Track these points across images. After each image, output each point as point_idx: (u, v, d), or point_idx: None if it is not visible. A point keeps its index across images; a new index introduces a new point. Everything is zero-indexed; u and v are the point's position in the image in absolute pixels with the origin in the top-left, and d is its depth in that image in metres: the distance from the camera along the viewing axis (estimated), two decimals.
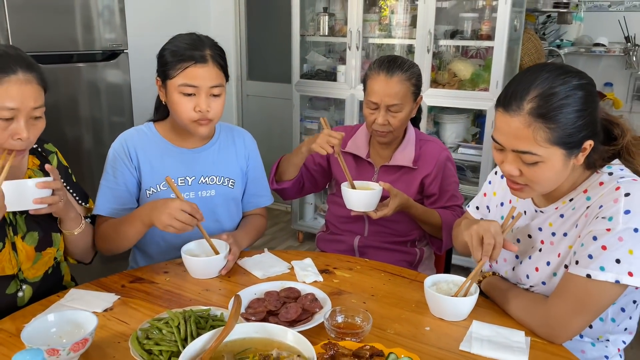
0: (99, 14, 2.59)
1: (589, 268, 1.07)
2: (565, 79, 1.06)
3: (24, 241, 1.30)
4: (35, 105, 1.22)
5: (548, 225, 1.22)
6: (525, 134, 1.06)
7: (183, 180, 1.57)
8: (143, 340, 1.05)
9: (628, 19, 3.74)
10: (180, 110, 1.46)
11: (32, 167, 1.38)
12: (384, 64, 1.70)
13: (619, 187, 1.09)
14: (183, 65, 1.43)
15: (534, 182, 1.12)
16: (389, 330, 1.17)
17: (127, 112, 2.87)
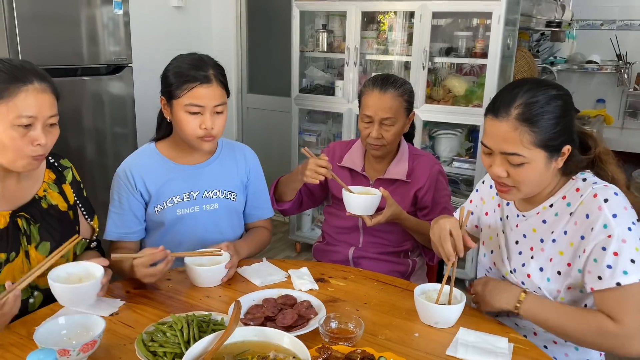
0: (105, 28, 2.67)
1: (615, 277, 1.16)
2: (545, 90, 1.20)
3: (37, 250, 1.37)
4: (51, 114, 1.30)
5: (532, 232, 1.32)
6: (513, 137, 1.17)
7: (188, 195, 1.64)
8: (148, 342, 1.11)
9: (620, 37, 3.85)
10: (186, 128, 1.54)
11: (48, 180, 1.45)
12: (377, 81, 1.79)
13: (597, 195, 1.20)
14: (189, 86, 1.50)
15: (519, 183, 1.22)
16: (380, 336, 1.24)
17: (130, 124, 2.94)
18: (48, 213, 1.41)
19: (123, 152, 2.89)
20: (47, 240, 1.39)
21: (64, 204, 1.46)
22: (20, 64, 1.29)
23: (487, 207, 1.50)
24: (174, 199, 1.63)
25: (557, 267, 1.27)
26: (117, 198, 1.62)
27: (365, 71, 3.30)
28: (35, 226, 1.37)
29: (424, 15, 2.92)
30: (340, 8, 3.21)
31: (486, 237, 1.49)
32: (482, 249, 1.51)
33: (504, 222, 1.42)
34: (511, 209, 1.40)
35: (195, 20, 3.92)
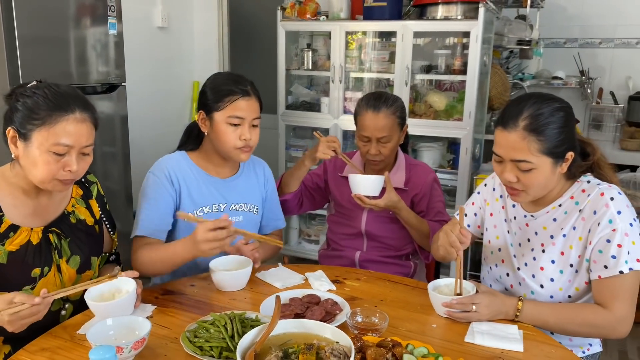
0: (102, 48, 2.74)
1: (618, 266, 1.31)
2: (549, 103, 1.34)
3: (68, 264, 1.43)
4: (87, 143, 1.33)
5: (543, 229, 1.45)
6: (521, 146, 1.32)
7: (217, 206, 1.71)
8: (192, 339, 1.19)
9: (582, 55, 4.10)
10: (226, 139, 1.62)
11: (76, 196, 1.50)
12: (370, 102, 1.91)
13: (603, 193, 1.35)
14: (231, 99, 1.60)
15: (528, 187, 1.36)
16: (401, 328, 1.35)
17: (120, 143, 2.98)
18: (77, 228, 1.47)
19: (111, 171, 2.94)
20: (77, 254, 1.44)
21: (90, 218, 1.52)
22: (65, 92, 1.32)
23: (492, 209, 1.62)
24: (204, 209, 1.69)
25: (569, 260, 1.41)
26: (153, 195, 1.64)
27: (349, 88, 3.44)
28: (65, 241, 1.43)
29: (406, 34, 3.08)
30: (325, 28, 3.35)
31: (492, 237, 1.61)
32: (487, 248, 1.63)
33: (509, 224, 1.56)
34: (517, 210, 1.53)
35: (178, 41, 4.00)
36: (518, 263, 1.51)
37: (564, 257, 1.42)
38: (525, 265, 1.49)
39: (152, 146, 3.83)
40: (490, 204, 1.63)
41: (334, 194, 2.05)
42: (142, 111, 3.61)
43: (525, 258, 1.49)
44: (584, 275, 1.40)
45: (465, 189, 3.14)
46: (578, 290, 1.42)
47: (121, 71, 2.87)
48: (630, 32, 4.05)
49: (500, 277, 1.59)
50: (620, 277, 1.31)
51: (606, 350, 2.77)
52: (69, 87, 1.36)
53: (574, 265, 1.41)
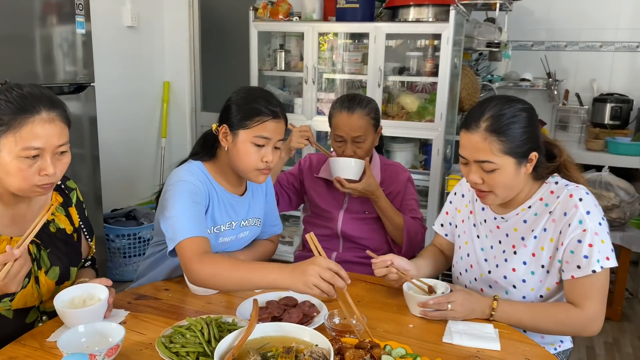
0: (69, 48, 2.67)
1: (591, 265, 1.33)
2: (511, 104, 1.37)
3: (47, 276, 1.37)
4: (60, 143, 1.26)
5: (514, 231, 1.47)
6: (483, 146, 1.34)
7: (229, 224, 1.65)
8: (168, 344, 1.17)
9: (549, 57, 4.20)
10: (248, 159, 1.53)
11: (55, 203, 1.44)
12: (345, 103, 1.92)
13: (572, 195, 1.37)
14: (262, 119, 1.51)
15: (494, 188, 1.38)
16: (378, 328, 1.35)
17: (88, 144, 2.91)
18: (56, 237, 1.42)
19: (80, 173, 2.86)
20: (57, 265, 1.39)
21: (70, 227, 1.47)
22: (29, 92, 1.25)
23: (462, 215, 1.64)
24: (221, 227, 1.62)
25: (540, 261, 1.43)
26: (190, 200, 1.49)
27: (323, 89, 3.44)
28: (45, 251, 1.37)
29: (378, 36, 3.10)
30: (298, 29, 3.34)
31: (462, 243, 1.62)
32: (458, 253, 1.64)
33: (478, 228, 1.57)
34: (487, 213, 1.55)
35: (148, 40, 3.94)
36: (489, 266, 1.52)
37: (535, 258, 1.44)
38: (497, 267, 1.50)
39: (122, 147, 3.76)
40: (461, 210, 1.65)
41: (310, 194, 2.05)
42: (111, 112, 3.55)
43: (497, 260, 1.51)
44: (554, 276, 1.42)
45: (437, 189, 3.17)
46: (549, 290, 1.44)
47: (89, 71, 2.81)
48: (595, 35, 4.16)
49: (469, 282, 1.59)
50: (593, 276, 1.34)
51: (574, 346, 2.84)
52: (33, 87, 1.28)
53: (545, 266, 1.43)
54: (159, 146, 4.15)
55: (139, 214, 3.57)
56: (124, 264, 3.41)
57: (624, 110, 3.97)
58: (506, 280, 1.47)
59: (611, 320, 3.16)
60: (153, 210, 3.69)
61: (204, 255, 1.39)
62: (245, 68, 3.51)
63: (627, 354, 2.83)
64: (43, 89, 1.30)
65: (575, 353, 2.78)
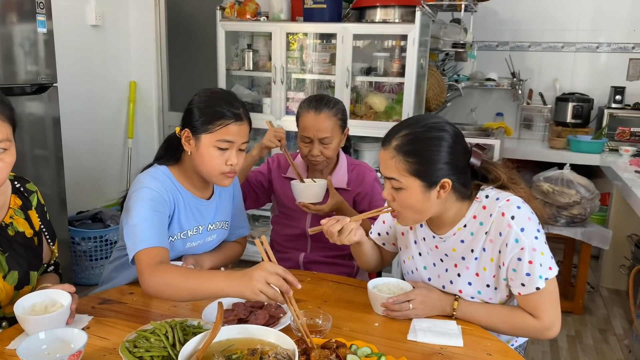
0: (31, 47, 2.61)
1: (534, 282, 1.33)
2: (430, 129, 1.34)
3: (5, 280, 1.34)
4: None
5: (452, 251, 1.46)
6: (390, 164, 1.35)
7: (196, 229, 1.63)
8: (132, 349, 1.15)
9: (513, 57, 4.30)
10: (212, 163, 1.51)
11: (14, 206, 1.41)
12: (312, 103, 1.93)
13: (504, 213, 1.35)
14: (224, 122, 1.49)
15: (402, 207, 1.39)
16: (344, 328, 1.36)
17: (52, 146, 2.85)
18: (15, 241, 1.38)
19: (43, 175, 2.80)
20: (15, 269, 1.36)
21: (29, 230, 1.44)
22: None
23: (403, 228, 1.60)
24: (188, 232, 1.61)
25: (485, 281, 1.43)
26: (151, 208, 1.47)
27: (291, 88, 3.44)
28: (3, 256, 1.35)
29: (346, 37, 3.12)
30: (266, 29, 3.34)
31: (406, 257, 1.60)
32: (403, 268, 1.62)
33: (420, 245, 1.55)
34: (425, 231, 1.52)
35: (113, 39, 3.88)
36: (436, 285, 1.51)
37: (479, 278, 1.43)
38: (444, 287, 1.49)
39: (87, 148, 3.69)
40: None
41: (278, 194, 2.05)
42: (75, 112, 3.48)
43: (442, 280, 1.49)
44: (503, 291, 1.43)
45: None
46: (501, 302, 1.45)
47: (52, 71, 2.74)
48: (557, 36, 4.27)
49: None
50: (539, 292, 1.34)
51: (537, 340, 2.92)
52: None
53: (490, 285, 1.43)
54: (125, 147, 4.08)
55: (105, 216, 3.51)
56: (90, 267, 3.35)
57: (585, 109, 4.09)
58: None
59: (573, 314, 3.25)
60: (119, 212, 3.64)
61: (157, 266, 1.38)
62: (213, 68, 3.48)
63: (589, 345, 2.92)
64: None
65: (538, 346, 2.85)
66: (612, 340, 2.98)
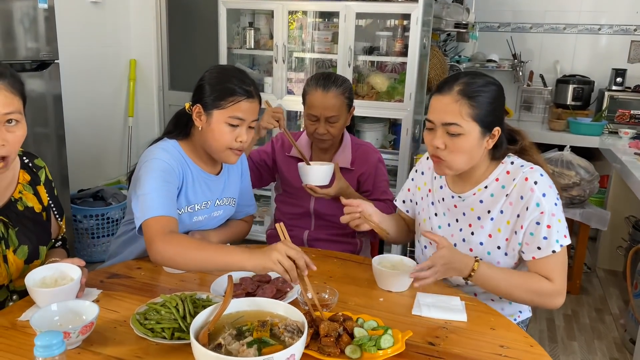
0: (31, 23, 2.59)
1: (551, 245, 1.39)
2: (483, 77, 1.44)
3: (15, 255, 1.35)
4: (5, 111, 1.22)
5: (470, 211, 1.51)
6: (453, 108, 1.38)
7: (205, 204, 1.64)
8: (143, 321, 1.17)
9: (514, 39, 4.28)
10: (222, 139, 1.52)
11: (23, 181, 1.41)
12: (320, 81, 1.93)
13: (528, 178, 1.41)
14: (236, 99, 1.50)
15: (455, 154, 1.41)
16: (350, 302, 1.38)
17: (53, 123, 2.84)
18: (24, 215, 1.39)
19: (45, 153, 2.80)
20: (25, 243, 1.37)
21: (38, 205, 1.44)
22: None
23: (422, 193, 1.68)
24: (195, 206, 1.62)
25: (497, 243, 1.47)
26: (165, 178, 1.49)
27: (293, 68, 3.43)
28: (13, 230, 1.36)
29: (348, 15, 3.10)
30: (267, 6, 3.31)
31: (421, 220, 1.67)
32: (418, 229, 1.68)
33: (437, 206, 1.60)
34: (445, 191, 1.57)
35: (113, 16, 3.84)
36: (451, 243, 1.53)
37: (491, 239, 1.48)
38: (455, 245, 1.53)
39: (87, 126, 3.68)
40: (420, 188, 1.68)
41: (282, 172, 2.06)
42: (76, 90, 3.46)
43: (454, 239, 1.55)
44: (512, 258, 1.47)
45: (405, 168, 3.22)
46: None
47: (53, 47, 2.73)
48: (558, 17, 4.25)
49: None
50: (554, 255, 1.40)
51: (535, 318, 2.96)
52: None
53: (501, 248, 1.47)
54: (126, 125, 4.08)
55: (106, 194, 3.52)
56: (92, 245, 3.37)
57: (586, 91, 4.09)
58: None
59: (570, 294, 3.29)
60: (121, 190, 3.65)
61: (168, 235, 1.38)
62: (214, 46, 3.46)
63: (585, 324, 2.96)
64: None
65: (536, 325, 2.90)
66: (608, 319, 3.03)
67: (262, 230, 3.64)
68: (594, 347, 2.74)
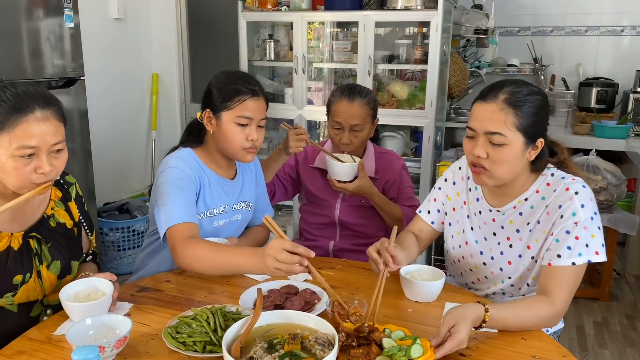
0: (57, 41, 2.65)
1: (572, 257, 1.35)
2: (527, 86, 1.41)
3: (49, 270, 1.38)
4: (55, 141, 1.27)
5: (509, 223, 1.49)
6: (498, 117, 1.35)
7: (224, 208, 1.69)
8: (174, 334, 1.19)
9: (535, 42, 4.24)
10: (234, 140, 1.59)
11: (55, 198, 1.45)
12: (345, 91, 1.95)
13: (569, 188, 1.39)
14: (242, 98, 1.57)
15: (496, 164, 1.38)
16: (378, 314, 1.37)
17: (79, 139, 2.90)
18: (57, 232, 1.43)
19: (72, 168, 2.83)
20: (58, 259, 1.40)
21: (70, 221, 1.48)
22: (23, 91, 1.25)
23: (454, 204, 1.64)
24: (214, 210, 1.66)
25: (532, 253, 1.45)
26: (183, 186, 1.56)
27: (312, 78, 3.44)
28: (46, 246, 1.39)
29: (368, 25, 3.11)
30: (286, 19, 3.34)
31: (454, 232, 1.63)
32: (449, 242, 1.66)
33: (472, 219, 1.58)
34: (482, 204, 1.55)
35: (135, 32, 3.91)
36: (484, 258, 1.54)
37: (529, 250, 1.46)
38: (492, 259, 1.51)
39: (112, 141, 3.75)
40: (451, 198, 1.65)
41: (306, 184, 2.07)
42: (100, 105, 3.53)
43: (492, 252, 1.52)
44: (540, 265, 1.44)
45: (428, 176, 3.21)
46: (534, 279, 1.47)
47: (78, 64, 2.79)
48: (579, 20, 4.20)
49: (465, 271, 1.61)
50: (570, 267, 1.35)
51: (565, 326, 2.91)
52: (27, 85, 1.28)
53: (534, 257, 1.45)
54: (149, 138, 4.14)
55: (131, 207, 3.57)
56: (118, 257, 3.42)
57: (610, 93, 4.03)
58: (502, 272, 1.50)
59: (599, 301, 3.23)
60: (145, 203, 3.69)
61: (187, 240, 1.47)
62: (235, 59, 3.50)
63: (616, 332, 2.90)
64: (38, 86, 1.30)
65: (565, 333, 2.85)
66: None
67: None
68: (626, 354, 2.68)
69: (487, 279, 1.54)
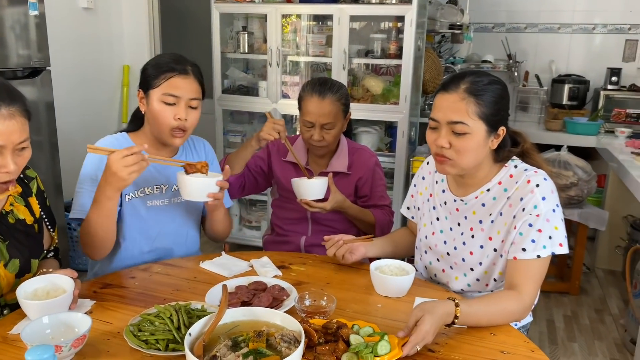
0: (22, 30, 2.56)
1: (537, 250, 1.35)
2: (487, 76, 1.41)
3: (6, 269, 1.33)
4: (21, 139, 1.23)
5: (472, 214, 1.49)
6: (460, 106, 1.36)
7: (158, 188, 1.66)
8: (136, 332, 1.15)
9: (509, 39, 4.27)
10: (160, 118, 1.56)
11: (14, 193, 1.38)
12: (315, 87, 1.90)
13: (530, 181, 1.39)
14: (167, 75, 1.55)
15: (460, 153, 1.38)
16: (347, 309, 1.36)
17: (46, 131, 2.81)
18: (15, 228, 1.37)
19: (38, 161, 2.76)
20: (16, 257, 1.34)
21: (30, 217, 1.42)
22: None
23: (423, 198, 1.66)
24: (145, 189, 1.64)
25: (494, 245, 1.45)
26: (94, 175, 1.57)
27: (287, 72, 3.41)
28: (4, 244, 1.33)
29: (342, 18, 3.08)
30: (260, 10, 3.30)
31: (422, 225, 1.64)
32: (419, 235, 1.66)
33: (438, 210, 1.58)
34: (447, 195, 1.56)
35: (105, 22, 3.82)
36: (448, 248, 1.54)
37: (491, 242, 1.45)
38: (455, 249, 1.52)
39: (81, 134, 3.65)
40: (422, 193, 1.67)
41: (278, 177, 2.04)
42: (69, 97, 3.43)
43: (455, 242, 1.53)
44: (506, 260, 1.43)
45: (402, 171, 3.21)
46: (501, 274, 1.46)
47: (44, 54, 2.70)
48: (552, 17, 4.25)
49: (430, 263, 1.61)
50: (536, 260, 1.35)
51: (534, 320, 2.94)
52: None
53: (497, 250, 1.45)
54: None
55: None
56: None
57: (581, 90, 4.09)
58: (464, 262, 1.50)
59: (569, 295, 3.28)
60: None
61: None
62: (208, 50, 3.45)
63: (585, 325, 2.95)
64: (1, 80, 1.25)
65: (535, 327, 2.88)
66: (608, 320, 3.01)
67: (258, 235, 3.61)
68: (595, 348, 2.72)
69: (452, 269, 1.54)
